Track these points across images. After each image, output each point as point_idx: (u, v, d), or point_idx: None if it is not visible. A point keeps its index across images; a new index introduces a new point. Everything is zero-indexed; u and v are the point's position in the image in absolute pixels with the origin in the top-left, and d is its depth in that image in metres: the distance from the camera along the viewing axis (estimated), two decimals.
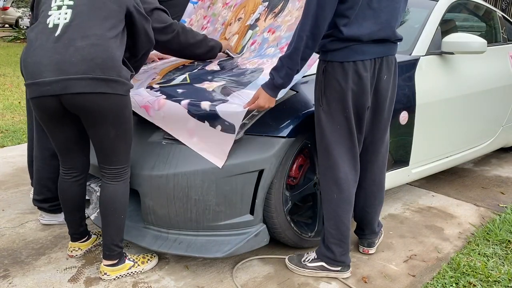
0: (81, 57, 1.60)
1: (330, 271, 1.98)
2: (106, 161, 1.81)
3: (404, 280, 2.00)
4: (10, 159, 3.43)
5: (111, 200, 1.83)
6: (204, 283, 1.93)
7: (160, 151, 1.91)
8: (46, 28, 1.67)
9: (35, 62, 1.63)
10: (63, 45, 1.62)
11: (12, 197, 2.73)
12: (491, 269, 2.07)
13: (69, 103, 1.65)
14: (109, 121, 1.71)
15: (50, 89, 1.61)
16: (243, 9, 2.66)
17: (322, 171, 1.90)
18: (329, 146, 1.83)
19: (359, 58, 1.75)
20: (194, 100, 1.85)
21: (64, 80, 1.60)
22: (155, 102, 1.92)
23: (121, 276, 1.93)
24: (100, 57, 1.62)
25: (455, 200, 2.94)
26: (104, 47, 1.64)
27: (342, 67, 1.75)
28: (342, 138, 1.82)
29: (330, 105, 1.80)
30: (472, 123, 2.97)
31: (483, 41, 2.58)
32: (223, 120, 1.78)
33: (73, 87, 1.60)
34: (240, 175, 1.84)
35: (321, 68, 1.82)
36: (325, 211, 1.93)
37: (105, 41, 1.65)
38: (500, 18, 3.56)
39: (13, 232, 2.33)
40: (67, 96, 1.63)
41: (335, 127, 1.81)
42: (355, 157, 1.88)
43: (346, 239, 1.94)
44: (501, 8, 8.77)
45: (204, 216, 1.88)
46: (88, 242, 2.12)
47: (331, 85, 1.78)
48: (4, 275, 1.95)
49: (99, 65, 1.61)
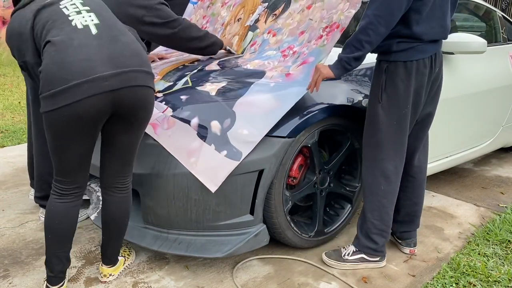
0: (131, 51, 1.56)
1: (370, 262, 2.06)
2: (124, 170, 1.73)
3: (404, 280, 2.00)
4: (10, 159, 3.43)
5: (125, 213, 1.79)
6: (204, 283, 1.93)
7: (160, 151, 1.90)
8: (76, 29, 1.53)
9: (82, 60, 1.46)
10: (109, 41, 1.53)
11: (12, 197, 2.73)
12: (491, 269, 2.07)
13: (122, 100, 1.53)
14: (147, 119, 1.67)
15: (108, 84, 1.48)
16: (242, 9, 2.66)
17: (369, 163, 1.98)
18: (382, 140, 1.92)
19: (421, 56, 1.84)
20: (203, 119, 1.85)
21: (123, 73, 1.50)
22: (164, 120, 1.91)
23: (120, 272, 1.96)
24: (143, 53, 1.62)
25: (455, 200, 2.94)
26: (139, 43, 1.64)
27: (405, 67, 1.84)
28: (397, 133, 1.91)
29: (391, 102, 1.88)
30: (472, 123, 2.97)
31: (483, 41, 2.58)
32: (231, 146, 1.79)
33: (134, 79, 1.53)
34: (240, 175, 1.84)
35: (383, 67, 1.89)
36: (369, 203, 2.00)
37: (136, 39, 1.67)
38: (500, 18, 3.56)
39: (13, 232, 2.33)
40: (125, 90, 1.52)
41: (391, 122, 1.90)
42: (404, 151, 1.97)
43: (388, 229, 2.04)
44: (501, 8, 8.77)
45: (204, 216, 1.88)
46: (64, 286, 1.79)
47: (394, 84, 1.86)
48: (4, 275, 1.95)
49: (145, 60, 1.60)
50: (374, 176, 1.97)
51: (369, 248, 2.04)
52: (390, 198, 1.99)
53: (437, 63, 1.93)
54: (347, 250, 2.09)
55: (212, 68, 2.24)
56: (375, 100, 1.92)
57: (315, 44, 2.05)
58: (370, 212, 2.01)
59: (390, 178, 1.96)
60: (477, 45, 2.56)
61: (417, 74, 1.85)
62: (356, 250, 2.07)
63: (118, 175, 1.74)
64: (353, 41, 1.76)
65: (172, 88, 2.10)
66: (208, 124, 1.83)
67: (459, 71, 2.77)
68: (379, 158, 1.94)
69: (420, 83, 1.87)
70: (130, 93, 1.54)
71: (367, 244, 2.04)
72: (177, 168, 1.84)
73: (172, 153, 1.84)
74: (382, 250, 2.06)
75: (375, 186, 1.98)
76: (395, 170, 1.96)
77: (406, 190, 2.13)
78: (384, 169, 1.95)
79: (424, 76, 1.87)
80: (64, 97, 1.45)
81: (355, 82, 2.18)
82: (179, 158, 1.83)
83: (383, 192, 1.97)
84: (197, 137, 1.83)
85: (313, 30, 2.14)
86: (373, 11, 1.70)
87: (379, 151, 1.94)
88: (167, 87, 2.12)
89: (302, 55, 2.06)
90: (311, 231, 2.19)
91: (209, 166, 1.79)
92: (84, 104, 1.46)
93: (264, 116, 1.85)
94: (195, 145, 1.82)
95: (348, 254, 2.07)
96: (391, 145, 1.92)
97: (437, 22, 1.83)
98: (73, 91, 1.44)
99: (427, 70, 1.87)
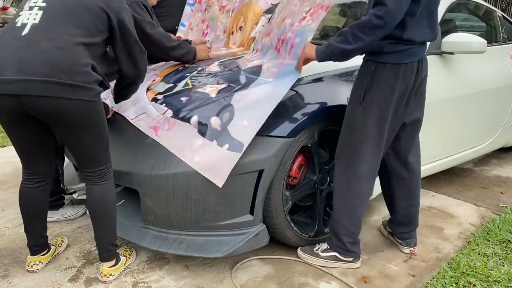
0: (44, 59, 1.53)
1: (343, 262, 2.05)
2: (88, 164, 1.77)
3: (404, 280, 2.00)
4: (10, 159, 3.43)
5: (101, 200, 1.81)
6: (204, 283, 1.93)
7: (160, 151, 1.91)
8: (14, 27, 1.61)
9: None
10: (27, 44, 1.55)
11: (12, 197, 2.73)
12: (491, 269, 2.07)
13: (28, 106, 1.56)
14: (78, 127, 1.65)
15: (10, 87, 1.51)
16: (242, 16, 2.66)
17: (343, 164, 1.95)
18: (359, 141, 1.89)
19: (410, 60, 1.82)
20: (203, 117, 1.85)
21: (23, 80, 1.51)
22: (164, 122, 1.91)
23: (120, 272, 1.95)
24: (64, 61, 1.54)
25: (455, 200, 2.94)
26: (71, 51, 1.57)
27: (393, 69, 1.82)
28: (374, 135, 1.89)
29: (372, 104, 1.85)
30: (472, 123, 2.97)
31: (483, 41, 2.58)
32: (233, 139, 1.79)
33: (32, 89, 1.51)
34: (240, 175, 1.84)
35: (370, 68, 1.86)
36: (339, 203, 1.98)
37: (72, 46, 1.58)
38: (500, 18, 3.56)
39: (13, 232, 2.33)
40: (25, 98, 1.53)
41: (370, 124, 1.87)
42: (380, 154, 1.94)
43: (357, 230, 2.01)
44: (501, 8, 8.76)
45: (204, 216, 1.88)
46: (48, 255, 2.01)
47: (379, 86, 1.84)
48: (4, 274, 1.95)
49: (63, 69, 1.53)
50: (347, 176, 1.94)
51: (340, 247, 2.03)
52: (361, 200, 1.96)
53: (424, 67, 1.90)
54: (320, 246, 2.10)
55: (212, 69, 2.24)
56: (356, 100, 1.89)
57: (298, 26, 2.02)
58: (340, 213, 1.98)
59: (363, 180, 1.93)
60: (477, 45, 2.56)
61: (404, 77, 1.82)
62: (328, 248, 2.07)
63: (84, 167, 1.79)
64: (348, 33, 1.72)
65: (172, 90, 2.10)
66: (208, 121, 1.83)
67: (459, 71, 2.77)
68: (354, 159, 1.91)
69: (405, 87, 1.84)
70: (31, 102, 1.55)
71: (337, 243, 2.03)
72: (177, 167, 1.84)
73: (176, 153, 1.84)
74: (355, 251, 2.03)
75: (347, 187, 1.95)
76: (369, 172, 1.93)
77: (401, 192, 2.12)
78: (358, 171, 1.91)
79: (410, 80, 1.84)
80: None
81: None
82: (183, 158, 1.82)
83: (355, 193, 1.94)
84: (199, 135, 1.83)
85: (295, 14, 2.11)
86: (376, 12, 1.66)
87: (354, 152, 1.91)
88: (167, 89, 2.13)
89: (289, 40, 2.04)
90: (311, 231, 2.19)
91: (213, 162, 1.80)
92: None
93: (261, 103, 1.85)
94: (198, 143, 1.82)
95: (320, 250, 2.08)
96: (367, 147, 1.89)
97: (425, 22, 1.81)
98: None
99: (414, 74, 1.84)
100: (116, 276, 1.93)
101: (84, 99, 1.60)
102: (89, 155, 1.76)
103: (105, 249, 1.88)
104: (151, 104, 2.04)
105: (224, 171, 1.79)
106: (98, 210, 1.82)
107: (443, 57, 2.67)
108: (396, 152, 2.07)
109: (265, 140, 1.88)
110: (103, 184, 1.81)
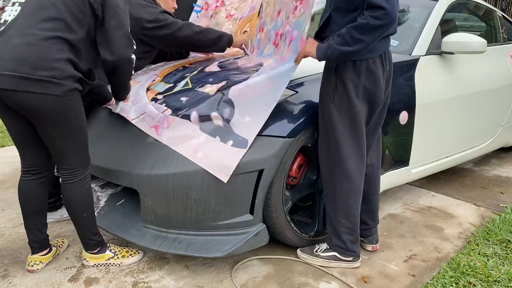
0: (13, 54, 1.57)
1: (343, 261, 2.05)
2: (56, 160, 1.82)
3: (404, 280, 2.00)
4: (10, 159, 3.43)
5: (67, 200, 1.86)
6: (204, 283, 1.93)
7: (159, 151, 1.91)
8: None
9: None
10: (2, 40, 1.61)
11: (12, 197, 2.73)
12: (491, 269, 2.07)
13: (6, 99, 1.63)
14: (45, 121, 1.68)
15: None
16: (248, 23, 2.68)
17: (329, 164, 1.96)
18: (340, 139, 1.89)
19: (369, 55, 1.81)
20: (203, 113, 1.86)
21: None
22: (164, 120, 1.91)
23: (99, 264, 2.01)
24: (31, 56, 1.57)
25: (455, 200, 2.94)
26: (39, 47, 1.59)
27: (354, 65, 1.82)
28: (353, 132, 1.89)
29: (342, 101, 1.86)
30: (472, 123, 2.97)
31: (483, 41, 2.58)
32: (237, 135, 1.80)
33: (2, 82, 1.57)
34: (240, 175, 1.84)
35: (332, 66, 1.87)
36: (335, 202, 1.98)
37: (41, 41, 1.60)
38: (500, 18, 3.56)
39: (13, 232, 2.33)
40: (1, 91, 1.60)
41: (346, 121, 1.88)
42: (363, 149, 1.94)
43: (356, 227, 2.01)
44: (501, 8, 8.76)
45: (204, 215, 1.88)
46: (49, 255, 2.02)
47: (344, 83, 1.84)
48: (4, 274, 1.95)
49: (30, 64, 1.57)
50: (337, 175, 1.94)
51: (340, 247, 2.03)
52: (355, 196, 1.96)
53: (387, 61, 1.89)
54: (320, 246, 2.10)
55: (212, 69, 2.24)
56: (328, 100, 1.89)
57: (293, 17, 2.01)
58: (337, 211, 1.98)
59: (352, 177, 1.93)
60: (477, 45, 2.56)
61: (367, 73, 1.82)
62: (328, 248, 2.07)
63: (58, 164, 1.83)
64: (347, 35, 1.72)
65: (172, 89, 2.10)
66: (208, 117, 1.84)
67: (459, 71, 2.77)
68: (339, 158, 1.91)
69: (373, 82, 1.84)
70: (9, 96, 1.61)
71: (337, 243, 2.03)
72: (177, 167, 1.84)
73: (178, 150, 1.84)
74: (354, 250, 2.04)
75: (338, 186, 1.95)
76: (357, 168, 1.93)
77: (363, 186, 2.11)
78: (345, 168, 1.92)
79: (377, 75, 1.84)
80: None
81: None
82: (185, 154, 1.82)
83: (346, 191, 1.94)
84: (200, 131, 1.83)
85: (287, 5, 2.10)
86: (372, 13, 1.65)
87: (337, 151, 1.91)
88: (167, 89, 2.12)
89: (288, 34, 2.03)
90: (311, 231, 2.19)
91: (218, 157, 1.80)
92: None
93: (261, 98, 1.85)
94: (200, 140, 1.83)
95: (320, 250, 2.08)
96: (349, 144, 1.90)
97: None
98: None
99: (379, 69, 1.84)
100: (91, 263, 2.00)
101: (52, 93, 1.61)
102: (57, 151, 1.78)
103: (82, 241, 1.98)
104: (151, 104, 2.04)
105: (229, 167, 1.79)
106: (68, 209, 1.89)
107: (443, 57, 2.67)
108: None
109: (265, 140, 1.88)
110: (70, 184, 1.83)
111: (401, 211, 2.74)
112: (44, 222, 1.96)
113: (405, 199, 2.91)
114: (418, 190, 3.08)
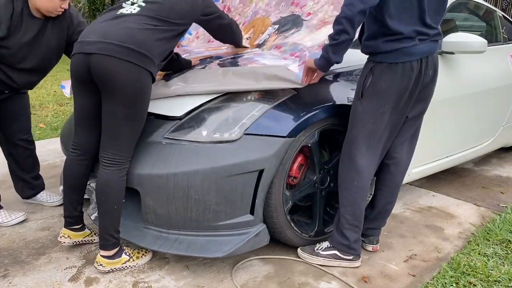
0: (127, 32, 1.78)
1: (343, 260, 2.05)
2: (107, 144, 1.85)
3: (404, 280, 2.00)
4: None
5: (104, 186, 1.86)
6: (204, 283, 1.93)
7: (160, 151, 1.91)
8: (114, 14, 1.89)
9: (88, 29, 1.85)
10: (117, 23, 1.82)
11: (12, 197, 2.73)
12: (491, 269, 2.07)
13: (93, 64, 1.74)
14: (124, 95, 1.76)
15: (87, 48, 1.76)
16: (252, 29, 2.70)
17: (345, 158, 1.99)
18: (358, 136, 1.93)
19: (407, 59, 1.82)
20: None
21: (102, 42, 1.74)
22: (302, 58, 2.07)
23: (115, 269, 1.95)
24: (141, 38, 1.79)
25: (455, 200, 2.94)
26: (148, 34, 1.82)
27: (390, 68, 1.84)
28: (371, 131, 1.92)
29: (369, 100, 1.89)
30: (472, 123, 2.97)
31: (484, 40, 2.57)
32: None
33: (107, 49, 1.73)
34: (240, 175, 1.84)
35: (369, 67, 1.90)
36: (343, 198, 2.01)
37: (151, 33, 1.83)
38: (501, 17, 3.56)
39: (13, 232, 2.33)
40: (95, 56, 1.73)
41: (368, 120, 1.91)
42: (379, 150, 1.97)
43: (360, 225, 2.04)
44: (501, 8, 8.77)
45: (204, 216, 1.88)
46: (81, 234, 2.14)
47: (375, 84, 1.87)
48: (4, 274, 1.95)
49: (137, 42, 1.77)
50: (348, 171, 1.98)
51: (342, 244, 2.04)
52: (362, 193, 1.99)
53: (430, 66, 1.88)
54: (321, 245, 2.11)
55: (213, 68, 2.25)
56: (356, 97, 1.95)
57: (317, 49, 2.09)
58: (343, 207, 2.01)
59: (363, 174, 1.96)
60: (478, 45, 2.56)
61: (402, 76, 1.83)
62: (330, 246, 2.08)
63: (104, 148, 1.87)
64: (331, 34, 1.80)
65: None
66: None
67: (459, 71, 2.77)
68: (353, 154, 1.95)
69: (405, 86, 1.85)
70: (99, 61, 1.74)
71: (340, 240, 2.04)
72: (177, 167, 1.84)
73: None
74: (356, 248, 2.05)
75: (348, 181, 1.98)
76: (367, 166, 1.96)
77: (383, 187, 2.14)
78: (357, 165, 1.95)
79: (409, 79, 1.84)
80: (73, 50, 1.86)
81: (355, 82, 2.18)
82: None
83: (356, 187, 1.97)
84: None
85: (316, 40, 2.23)
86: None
87: (353, 147, 1.95)
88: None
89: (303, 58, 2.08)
90: (311, 231, 2.19)
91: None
92: (74, 59, 1.83)
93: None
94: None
95: (321, 249, 2.08)
96: (364, 142, 1.93)
97: (408, 14, 1.78)
98: (74, 47, 1.84)
99: (414, 73, 1.84)
100: (107, 269, 1.93)
101: (147, 68, 1.79)
102: (113, 135, 1.83)
103: (102, 237, 1.92)
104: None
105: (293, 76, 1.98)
106: (99, 197, 1.88)
107: (444, 57, 2.67)
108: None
109: (265, 139, 1.88)
110: (111, 171, 1.85)
111: (401, 211, 2.74)
112: (80, 200, 2.08)
113: (405, 199, 2.91)
114: (418, 190, 3.08)
